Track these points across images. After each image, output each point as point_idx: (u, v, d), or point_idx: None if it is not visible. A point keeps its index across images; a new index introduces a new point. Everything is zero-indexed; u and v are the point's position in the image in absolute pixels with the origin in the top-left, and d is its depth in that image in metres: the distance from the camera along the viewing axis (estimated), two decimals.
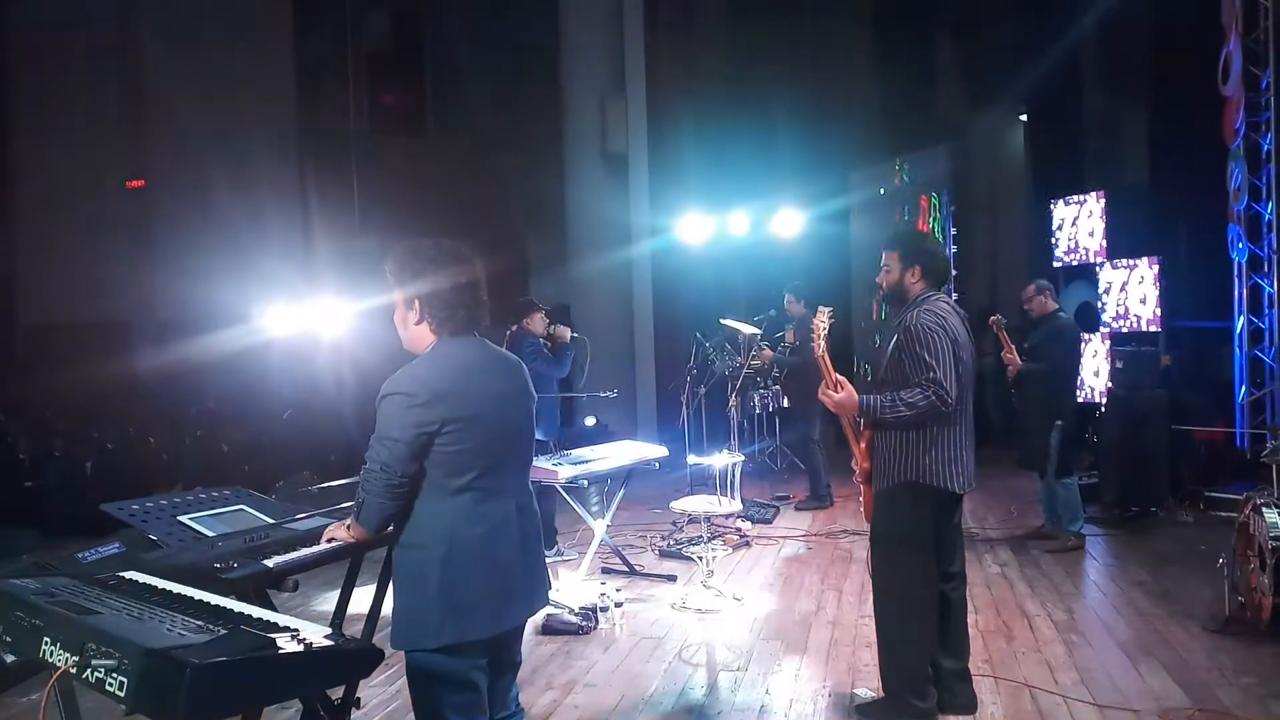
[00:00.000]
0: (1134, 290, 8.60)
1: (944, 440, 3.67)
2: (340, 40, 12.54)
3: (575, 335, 7.02)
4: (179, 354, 8.81)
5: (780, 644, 4.95)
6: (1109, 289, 8.92)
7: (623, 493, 6.32)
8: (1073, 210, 9.25)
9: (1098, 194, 9.07)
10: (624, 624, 5.30)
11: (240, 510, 3.27)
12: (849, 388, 3.77)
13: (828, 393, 3.81)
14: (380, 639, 2.96)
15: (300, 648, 1.99)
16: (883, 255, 3.92)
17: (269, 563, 2.78)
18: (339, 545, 2.86)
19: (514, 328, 6.77)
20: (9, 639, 2.15)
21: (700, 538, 6.40)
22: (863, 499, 4.06)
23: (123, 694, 1.81)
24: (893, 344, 3.78)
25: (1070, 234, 9.27)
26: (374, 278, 2.81)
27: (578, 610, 5.22)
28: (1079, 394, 7.95)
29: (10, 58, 13.40)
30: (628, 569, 6.34)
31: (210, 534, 3.00)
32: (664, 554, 6.76)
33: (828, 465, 8.17)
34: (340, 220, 11.42)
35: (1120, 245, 8.85)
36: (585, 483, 6.03)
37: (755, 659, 4.74)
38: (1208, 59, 8.32)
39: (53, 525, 7.55)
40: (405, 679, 2.66)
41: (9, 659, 2.29)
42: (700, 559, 5.81)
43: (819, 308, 4.03)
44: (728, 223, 10.67)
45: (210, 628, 2.04)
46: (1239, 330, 8.22)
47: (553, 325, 6.90)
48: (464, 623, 2.55)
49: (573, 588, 5.55)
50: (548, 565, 2.94)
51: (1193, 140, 8.86)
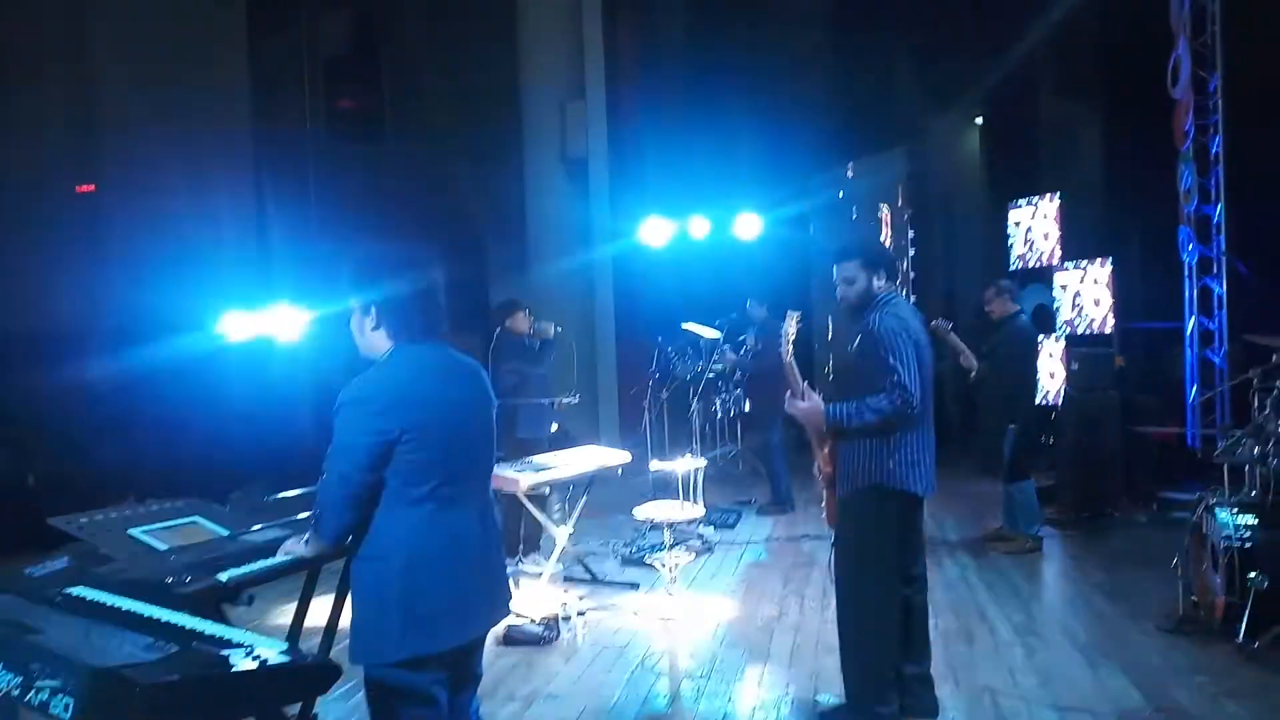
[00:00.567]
0: (1088, 292, 8.72)
1: (907, 444, 3.68)
2: (296, 44, 12.39)
3: (558, 329, 6.94)
4: (130, 361, 8.62)
5: (743, 651, 4.95)
6: (1064, 290, 9.04)
7: (585, 499, 6.29)
8: (1028, 212, 9.37)
9: (1052, 196, 9.19)
10: (586, 633, 5.27)
11: (194, 522, 3.21)
12: (815, 398, 3.77)
13: (795, 403, 3.80)
14: (338, 653, 2.90)
15: (255, 665, 1.95)
16: (837, 268, 3.87)
17: (223, 576, 2.74)
18: (296, 557, 2.81)
19: (499, 329, 6.72)
20: None
21: (662, 544, 6.39)
22: (825, 503, 4.07)
23: (69, 715, 1.77)
24: (856, 346, 3.79)
25: (1026, 236, 9.38)
26: (331, 283, 2.75)
27: (539, 620, 5.18)
28: (1037, 396, 8.05)
29: None
30: (590, 577, 6.31)
31: (163, 547, 2.94)
32: (626, 561, 6.73)
33: (789, 469, 8.20)
34: (297, 225, 11.27)
35: (1074, 247, 8.97)
36: (547, 489, 5.99)
37: (718, 666, 4.73)
38: (1158, 63, 8.45)
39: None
40: (364, 694, 2.59)
41: None
42: (663, 566, 5.79)
43: (788, 312, 4.00)
44: (688, 226, 10.68)
45: (161, 645, 1.99)
46: (1190, 331, 8.35)
47: (535, 322, 6.86)
48: (424, 636, 2.50)
49: (534, 597, 5.51)
50: (508, 575, 2.90)
51: (1145, 143, 8.98)
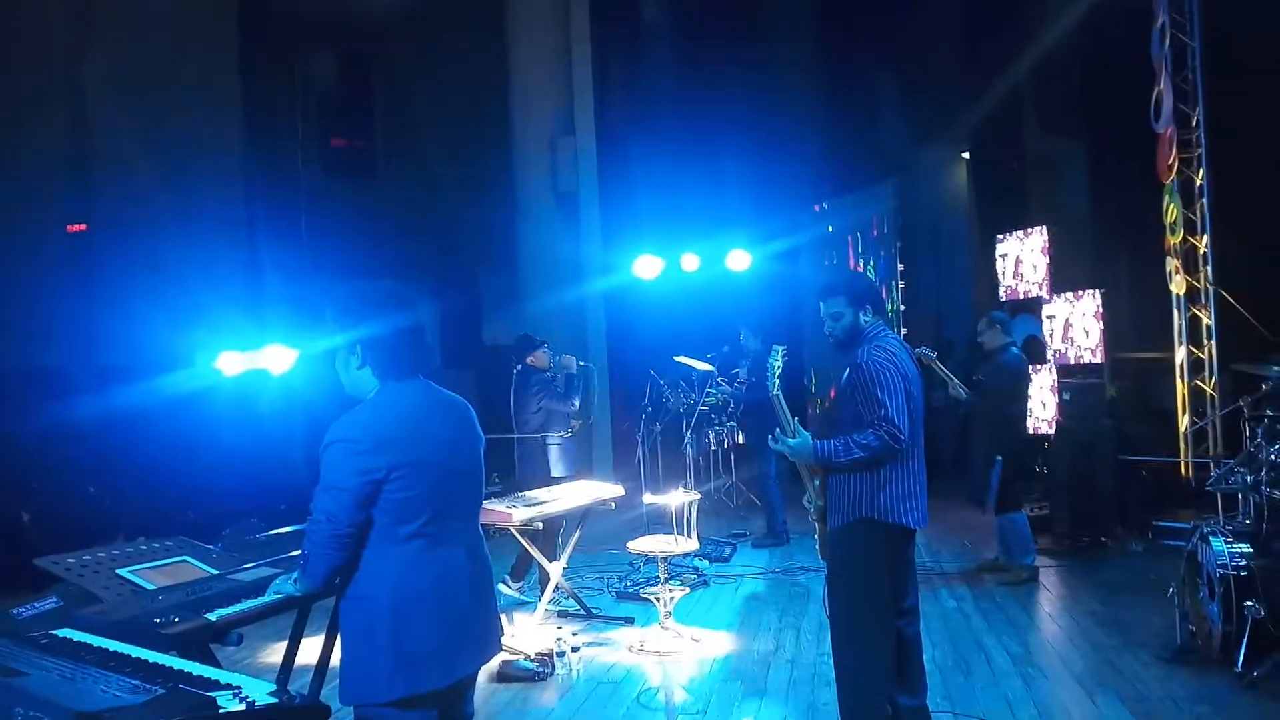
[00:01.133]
0: (1078, 322, 8.76)
1: (897, 476, 3.68)
2: (289, 84, 12.49)
3: (582, 363, 6.69)
4: (121, 399, 8.59)
5: (739, 685, 4.91)
6: (1051, 321, 9.07)
7: (579, 534, 6.26)
8: (1016, 244, 9.42)
9: (1041, 228, 9.25)
10: (581, 669, 5.23)
11: (182, 561, 3.19)
12: (803, 435, 3.77)
13: (783, 439, 3.79)
14: (328, 693, 2.87)
15: (243, 707, 1.93)
16: (823, 304, 3.90)
17: (211, 616, 2.72)
18: (285, 596, 2.79)
19: (519, 367, 6.62)
20: None
21: (657, 578, 6.35)
22: (818, 536, 4.05)
23: None
24: (845, 379, 3.79)
25: (1016, 268, 9.43)
26: (317, 322, 2.76)
27: (533, 656, 5.14)
28: (1029, 426, 8.05)
29: None
30: (584, 612, 6.26)
31: (150, 587, 2.92)
32: (621, 595, 6.69)
33: (784, 502, 8.18)
34: (289, 263, 11.29)
35: (1064, 278, 9.02)
36: (539, 524, 5.95)
37: (715, 701, 4.69)
38: (1141, 97, 8.55)
39: None
40: None
41: None
42: (658, 600, 5.76)
43: (773, 346, 4.01)
44: (680, 260, 10.73)
45: (147, 687, 1.97)
46: (1180, 361, 8.38)
47: (555, 356, 6.67)
48: (415, 675, 2.48)
49: (528, 632, 5.47)
50: (499, 611, 2.88)
51: (1130, 175, 9.07)
